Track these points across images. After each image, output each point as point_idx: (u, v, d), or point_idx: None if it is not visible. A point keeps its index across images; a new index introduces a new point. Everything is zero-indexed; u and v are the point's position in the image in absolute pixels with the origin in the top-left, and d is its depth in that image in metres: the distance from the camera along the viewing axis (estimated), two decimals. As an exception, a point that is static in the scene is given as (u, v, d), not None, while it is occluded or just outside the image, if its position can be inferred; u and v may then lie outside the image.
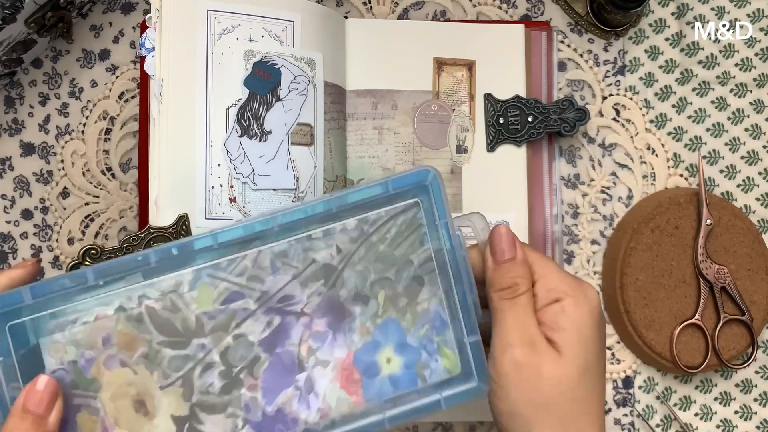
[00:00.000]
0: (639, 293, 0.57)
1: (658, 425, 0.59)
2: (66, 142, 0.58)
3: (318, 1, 0.59)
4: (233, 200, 0.50)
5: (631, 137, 0.61)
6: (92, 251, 0.48)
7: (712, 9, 0.61)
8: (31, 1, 0.51)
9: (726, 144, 0.61)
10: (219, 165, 0.50)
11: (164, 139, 0.49)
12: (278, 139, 0.52)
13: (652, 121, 0.61)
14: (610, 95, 0.61)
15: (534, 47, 0.59)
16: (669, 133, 0.61)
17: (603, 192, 0.60)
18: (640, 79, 0.61)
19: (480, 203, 0.56)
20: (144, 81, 0.57)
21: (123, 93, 0.59)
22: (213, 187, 0.50)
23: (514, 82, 0.58)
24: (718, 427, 0.59)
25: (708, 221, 0.57)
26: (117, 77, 0.59)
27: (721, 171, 0.61)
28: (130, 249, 0.48)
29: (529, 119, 0.57)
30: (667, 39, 0.61)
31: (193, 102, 0.50)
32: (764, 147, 0.61)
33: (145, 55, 0.51)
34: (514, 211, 0.57)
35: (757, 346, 0.58)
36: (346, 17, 0.57)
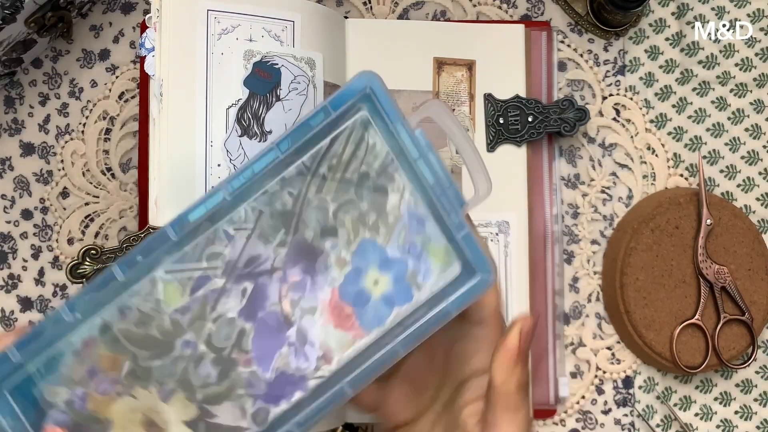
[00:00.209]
0: (639, 293, 0.57)
1: (659, 425, 0.59)
2: (66, 142, 0.58)
3: (318, 1, 0.59)
4: (233, 200, 0.50)
5: (631, 137, 0.61)
6: (92, 251, 0.48)
7: (712, 9, 0.61)
8: (31, 1, 0.51)
9: (726, 144, 0.61)
10: (219, 165, 0.50)
11: (164, 139, 0.49)
12: (278, 139, 0.52)
13: (652, 121, 0.61)
14: (610, 95, 0.61)
15: (534, 47, 0.59)
16: (669, 133, 0.61)
17: (603, 192, 0.60)
18: (640, 79, 0.61)
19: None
20: (144, 81, 0.57)
21: (123, 93, 0.59)
22: (213, 187, 0.50)
23: (514, 82, 0.58)
24: (718, 427, 0.59)
25: (708, 221, 0.57)
26: (117, 77, 0.59)
27: (722, 171, 0.61)
28: (130, 249, 0.48)
29: (529, 119, 0.57)
30: (667, 39, 0.61)
31: (193, 102, 0.50)
32: (764, 147, 0.61)
33: (145, 55, 0.50)
34: (514, 211, 0.57)
35: (757, 346, 0.58)
36: (346, 17, 0.57)
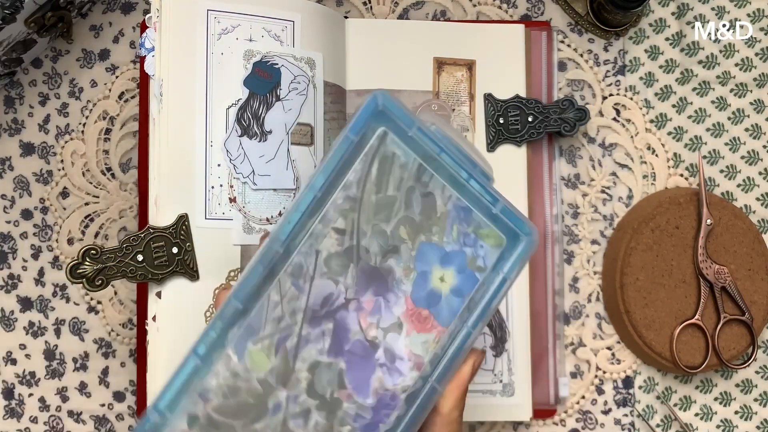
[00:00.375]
0: (639, 293, 0.57)
1: (659, 425, 0.59)
2: (66, 142, 0.58)
3: (318, 1, 0.59)
4: (233, 200, 0.50)
5: (631, 137, 0.61)
6: (92, 251, 0.48)
7: (712, 9, 0.61)
8: (31, 1, 0.51)
9: (726, 144, 0.61)
10: (219, 165, 0.50)
11: (164, 139, 0.49)
12: (278, 139, 0.52)
13: (652, 121, 0.61)
14: (610, 95, 0.61)
15: (534, 47, 0.59)
16: (669, 133, 0.61)
17: (603, 192, 0.60)
18: (641, 78, 0.61)
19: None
20: (144, 81, 0.57)
21: (123, 93, 0.59)
22: (213, 187, 0.50)
23: (514, 82, 0.58)
24: (718, 427, 0.59)
25: (708, 221, 0.57)
26: (117, 77, 0.59)
27: (722, 171, 0.61)
28: (130, 249, 0.48)
29: (529, 119, 0.57)
30: (667, 39, 0.61)
31: (193, 102, 0.50)
32: (764, 147, 0.61)
33: (145, 55, 0.50)
34: (514, 211, 0.57)
35: (757, 346, 0.57)
36: (346, 17, 0.57)
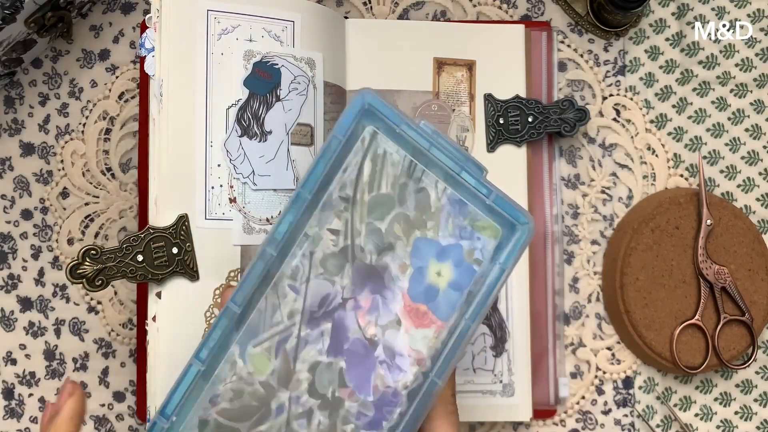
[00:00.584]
0: (639, 293, 0.57)
1: (659, 426, 0.59)
2: (66, 142, 0.58)
3: (318, 1, 0.59)
4: (233, 200, 0.50)
5: (632, 137, 0.61)
6: (92, 251, 0.48)
7: (713, 9, 0.61)
8: (31, 1, 0.51)
9: (726, 144, 0.61)
10: (219, 165, 0.50)
11: (164, 139, 0.49)
12: (278, 140, 0.52)
13: (652, 122, 0.61)
14: (610, 95, 0.61)
15: (534, 47, 0.59)
16: (669, 134, 0.61)
17: (603, 192, 0.60)
18: (641, 79, 0.61)
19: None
20: (144, 81, 0.57)
21: (123, 93, 0.59)
22: (213, 188, 0.50)
23: (514, 82, 0.58)
24: (718, 427, 0.59)
25: (708, 221, 0.57)
26: (117, 77, 0.59)
27: (722, 171, 0.61)
28: (130, 249, 0.48)
29: (529, 119, 0.57)
30: (667, 39, 0.61)
31: (192, 102, 0.50)
32: (764, 147, 0.61)
33: (145, 55, 0.50)
34: (514, 211, 0.57)
35: (757, 346, 0.57)
36: (346, 17, 0.57)
